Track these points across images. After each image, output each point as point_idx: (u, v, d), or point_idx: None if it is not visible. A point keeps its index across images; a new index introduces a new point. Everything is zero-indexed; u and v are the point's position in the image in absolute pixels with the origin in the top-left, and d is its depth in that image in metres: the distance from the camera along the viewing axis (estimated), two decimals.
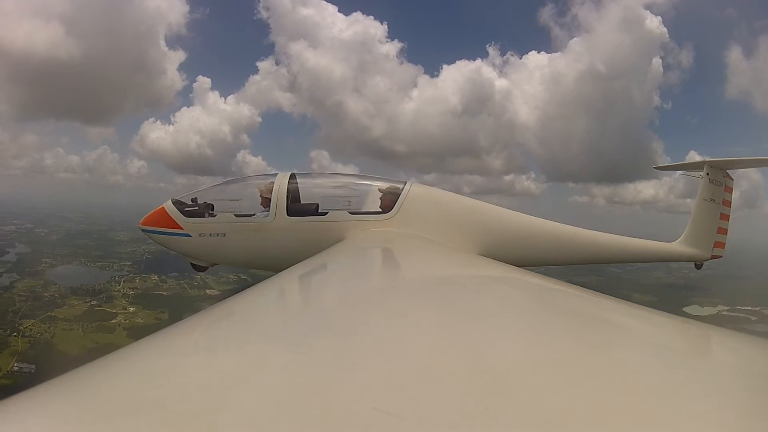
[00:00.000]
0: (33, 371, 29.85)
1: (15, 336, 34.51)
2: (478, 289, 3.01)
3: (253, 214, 5.57)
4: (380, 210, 5.52)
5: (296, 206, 5.55)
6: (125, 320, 38.14)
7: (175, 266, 39.42)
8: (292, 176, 5.72)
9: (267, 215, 5.46)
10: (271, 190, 5.51)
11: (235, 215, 5.55)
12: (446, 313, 2.04)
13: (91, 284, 42.44)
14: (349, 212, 5.50)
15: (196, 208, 5.59)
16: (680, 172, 7.58)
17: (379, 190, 5.75)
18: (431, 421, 1.01)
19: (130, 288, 42.61)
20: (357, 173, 6.34)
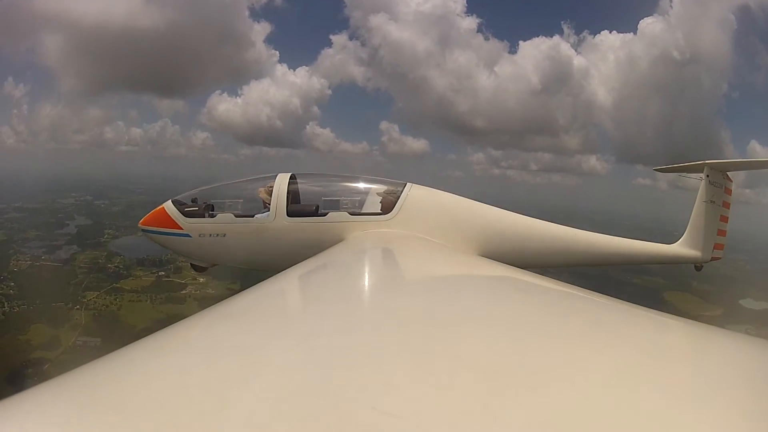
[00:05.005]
0: (99, 344, 28.54)
1: (78, 309, 33.63)
2: (477, 289, 3.03)
3: (253, 215, 5.59)
4: (380, 211, 5.51)
5: (296, 207, 5.57)
6: (196, 291, 36.54)
7: None
8: (293, 177, 5.72)
9: (267, 216, 5.47)
10: (271, 191, 5.53)
11: (234, 216, 5.57)
12: (446, 314, 2.05)
13: (157, 255, 40.73)
14: (348, 213, 5.48)
15: (196, 208, 5.64)
16: (680, 173, 7.48)
17: (379, 191, 5.73)
18: (431, 421, 1.01)
19: None
20: (357, 174, 6.22)
